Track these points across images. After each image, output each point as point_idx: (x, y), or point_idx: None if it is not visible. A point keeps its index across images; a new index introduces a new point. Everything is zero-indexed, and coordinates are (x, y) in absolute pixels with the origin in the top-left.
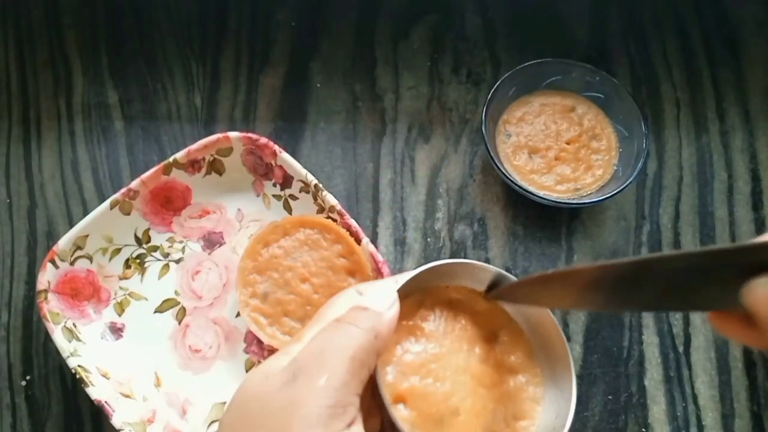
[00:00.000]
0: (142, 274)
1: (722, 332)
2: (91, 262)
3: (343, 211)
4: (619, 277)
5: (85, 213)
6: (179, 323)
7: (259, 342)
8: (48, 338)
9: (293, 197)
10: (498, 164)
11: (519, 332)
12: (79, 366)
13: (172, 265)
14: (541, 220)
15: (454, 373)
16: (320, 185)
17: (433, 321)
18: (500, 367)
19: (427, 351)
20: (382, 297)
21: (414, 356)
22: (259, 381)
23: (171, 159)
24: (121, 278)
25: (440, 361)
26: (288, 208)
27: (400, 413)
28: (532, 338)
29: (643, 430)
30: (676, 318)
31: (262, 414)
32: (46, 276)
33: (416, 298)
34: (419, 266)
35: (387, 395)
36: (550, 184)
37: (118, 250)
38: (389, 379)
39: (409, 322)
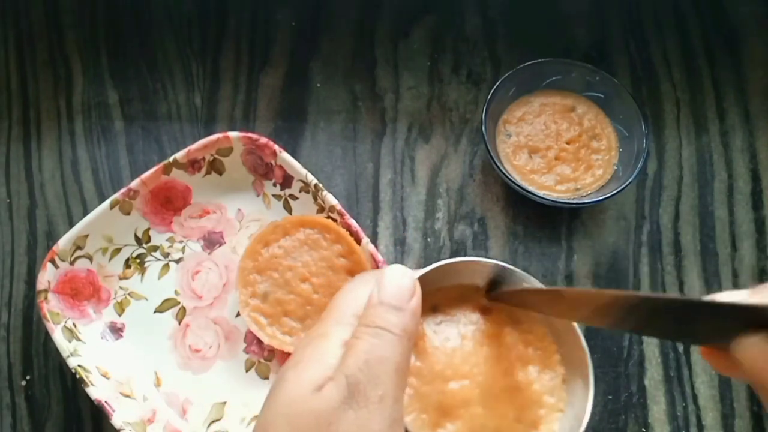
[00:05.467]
0: (142, 274)
1: (714, 367)
2: (91, 261)
3: (343, 211)
4: (628, 307)
5: (85, 213)
6: (179, 323)
7: (259, 342)
8: (48, 338)
9: (293, 197)
10: (498, 164)
11: (544, 336)
12: (79, 366)
13: (172, 264)
14: (541, 220)
15: (468, 366)
16: (320, 185)
17: (445, 319)
18: (517, 364)
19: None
20: (401, 288)
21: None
22: (307, 393)
23: (171, 159)
24: (121, 278)
25: (454, 356)
26: (288, 208)
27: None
28: (557, 342)
29: (643, 430)
30: None
31: None
32: (46, 276)
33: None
34: (419, 266)
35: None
36: (550, 184)
37: (118, 250)
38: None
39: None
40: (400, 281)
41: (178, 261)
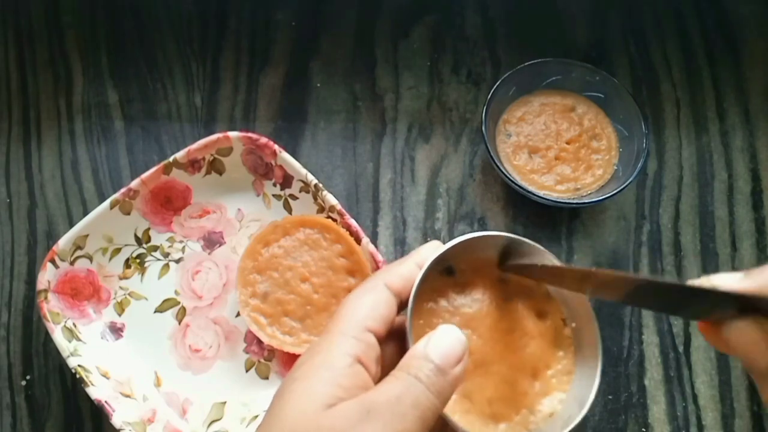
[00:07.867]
0: (142, 274)
1: (711, 343)
2: (91, 261)
3: (343, 210)
4: (630, 287)
5: (85, 213)
6: (179, 323)
7: (259, 342)
8: (48, 338)
9: (293, 197)
10: (498, 164)
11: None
12: (79, 366)
13: (172, 264)
14: (541, 220)
15: (484, 330)
16: (320, 185)
17: (467, 291)
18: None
19: (458, 309)
20: (451, 352)
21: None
22: (318, 409)
23: (171, 159)
24: (121, 278)
25: (471, 321)
26: (288, 208)
27: None
28: (569, 319)
29: (643, 430)
30: (676, 318)
31: None
32: (46, 276)
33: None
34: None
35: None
36: (550, 183)
37: (118, 250)
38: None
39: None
40: (452, 345)
41: (178, 261)
